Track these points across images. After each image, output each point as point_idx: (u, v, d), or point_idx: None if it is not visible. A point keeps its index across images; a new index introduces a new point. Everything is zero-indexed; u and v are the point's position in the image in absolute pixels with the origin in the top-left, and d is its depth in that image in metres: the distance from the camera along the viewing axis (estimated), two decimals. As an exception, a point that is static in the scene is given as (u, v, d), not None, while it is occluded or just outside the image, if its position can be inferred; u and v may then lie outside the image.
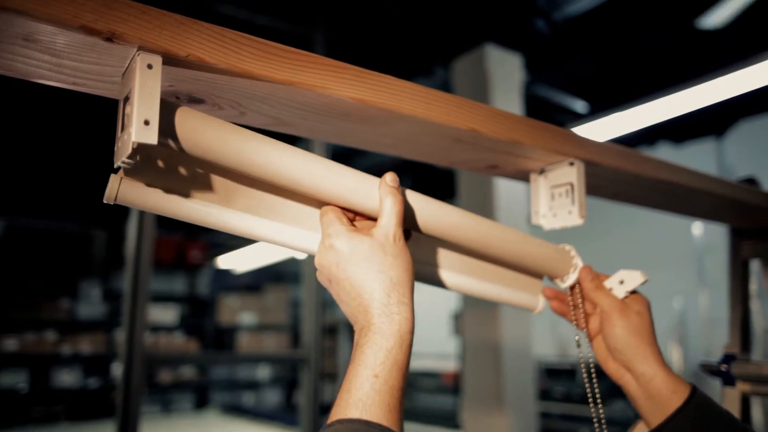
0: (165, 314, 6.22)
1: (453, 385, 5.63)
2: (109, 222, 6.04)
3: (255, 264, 6.62)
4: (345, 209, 0.60)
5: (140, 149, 0.46)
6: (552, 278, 0.79)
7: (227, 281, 7.28)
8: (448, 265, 0.73)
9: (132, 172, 0.52)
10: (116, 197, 0.52)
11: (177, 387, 6.39)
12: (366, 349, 0.50)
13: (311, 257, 2.52)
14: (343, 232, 0.56)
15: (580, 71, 3.78)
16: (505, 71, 3.15)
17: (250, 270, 7.22)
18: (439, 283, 0.72)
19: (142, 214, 2.13)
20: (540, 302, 0.80)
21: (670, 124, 3.57)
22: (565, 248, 0.78)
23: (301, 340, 2.72)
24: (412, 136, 0.68)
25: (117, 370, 5.83)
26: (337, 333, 7.03)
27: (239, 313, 6.87)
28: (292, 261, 7.52)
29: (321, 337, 2.67)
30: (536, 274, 0.79)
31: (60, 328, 5.64)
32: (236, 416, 5.62)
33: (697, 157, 4.74)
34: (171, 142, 0.50)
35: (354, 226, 0.60)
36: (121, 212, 6.05)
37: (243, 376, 7.18)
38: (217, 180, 0.58)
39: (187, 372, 6.47)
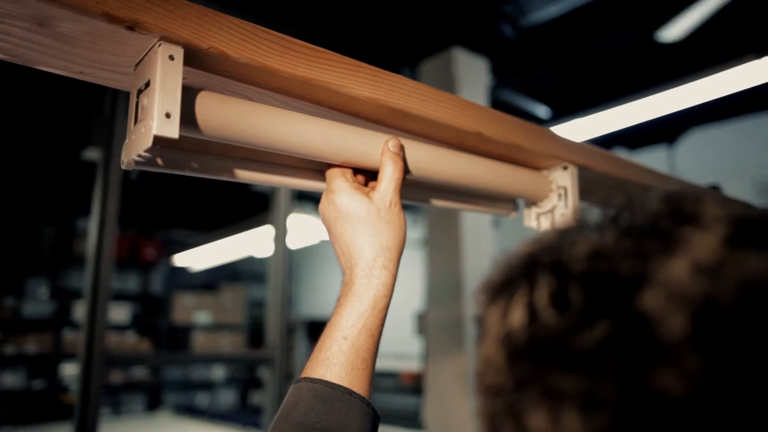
0: (117, 313, 6.01)
1: (415, 385, 5.66)
2: (59, 217, 5.79)
3: (212, 262, 6.48)
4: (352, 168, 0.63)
5: (159, 142, 0.45)
6: (533, 202, 0.82)
7: (182, 280, 7.09)
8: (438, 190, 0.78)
9: (145, 164, 0.50)
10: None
11: (128, 388, 6.18)
12: (342, 311, 0.55)
13: (274, 255, 2.46)
14: (345, 188, 0.59)
15: (543, 77, 3.87)
16: (472, 75, 3.19)
17: (205, 269, 7.06)
18: (429, 203, 0.76)
19: (103, 210, 2.06)
20: (513, 211, 0.85)
21: (625, 131, 3.70)
22: (543, 173, 0.81)
23: (265, 340, 2.68)
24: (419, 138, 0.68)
25: (66, 370, 5.60)
26: (295, 332, 6.95)
27: (194, 313, 6.71)
28: (250, 260, 7.40)
29: (286, 336, 2.64)
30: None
31: (3, 327, 5.37)
32: (191, 418, 5.49)
33: (650, 164, 4.92)
34: (190, 131, 0.48)
35: (357, 181, 0.62)
36: (71, 207, 5.82)
37: (197, 377, 7.01)
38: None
39: (139, 372, 6.26)
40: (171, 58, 0.45)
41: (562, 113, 3.91)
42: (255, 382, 7.35)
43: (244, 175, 0.58)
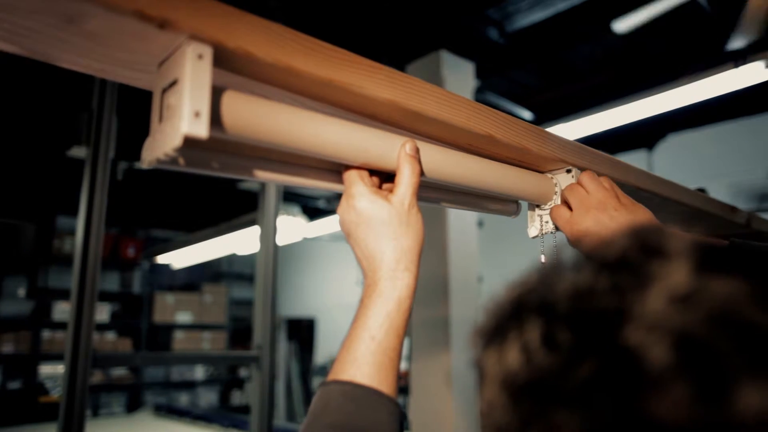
0: (97, 312, 5.90)
1: (400, 384, 5.66)
2: (39, 214, 5.67)
3: (194, 259, 6.42)
4: (369, 169, 0.63)
5: (186, 141, 0.44)
6: (536, 204, 0.84)
7: (163, 279, 7.00)
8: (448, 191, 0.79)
9: (169, 163, 0.50)
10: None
11: (107, 388, 6.08)
12: (368, 311, 0.56)
13: (262, 253, 2.43)
14: (365, 193, 0.59)
15: (526, 80, 3.91)
16: (459, 78, 3.21)
17: (187, 267, 6.98)
18: (437, 204, 0.77)
19: (89, 209, 2.03)
20: (516, 213, 0.87)
21: (605, 135, 3.75)
22: (547, 176, 0.82)
23: (252, 339, 2.66)
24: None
25: (44, 371, 5.50)
26: (277, 331, 6.91)
27: (175, 312, 6.63)
28: (232, 260, 7.34)
29: (274, 335, 2.62)
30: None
31: (-22, 326, 5.26)
32: (172, 419, 5.42)
33: (630, 167, 4.99)
34: (216, 130, 0.48)
35: (374, 183, 0.62)
36: (51, 205, 5.70)
37: (177, 377, 6.93)
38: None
39: (118, 372, 6.17)
40: (200, 56, 0.45)
41: (545, 117, 3.95)
42: (237, 382, 7.30)
43: (263, 175, 0.58)
